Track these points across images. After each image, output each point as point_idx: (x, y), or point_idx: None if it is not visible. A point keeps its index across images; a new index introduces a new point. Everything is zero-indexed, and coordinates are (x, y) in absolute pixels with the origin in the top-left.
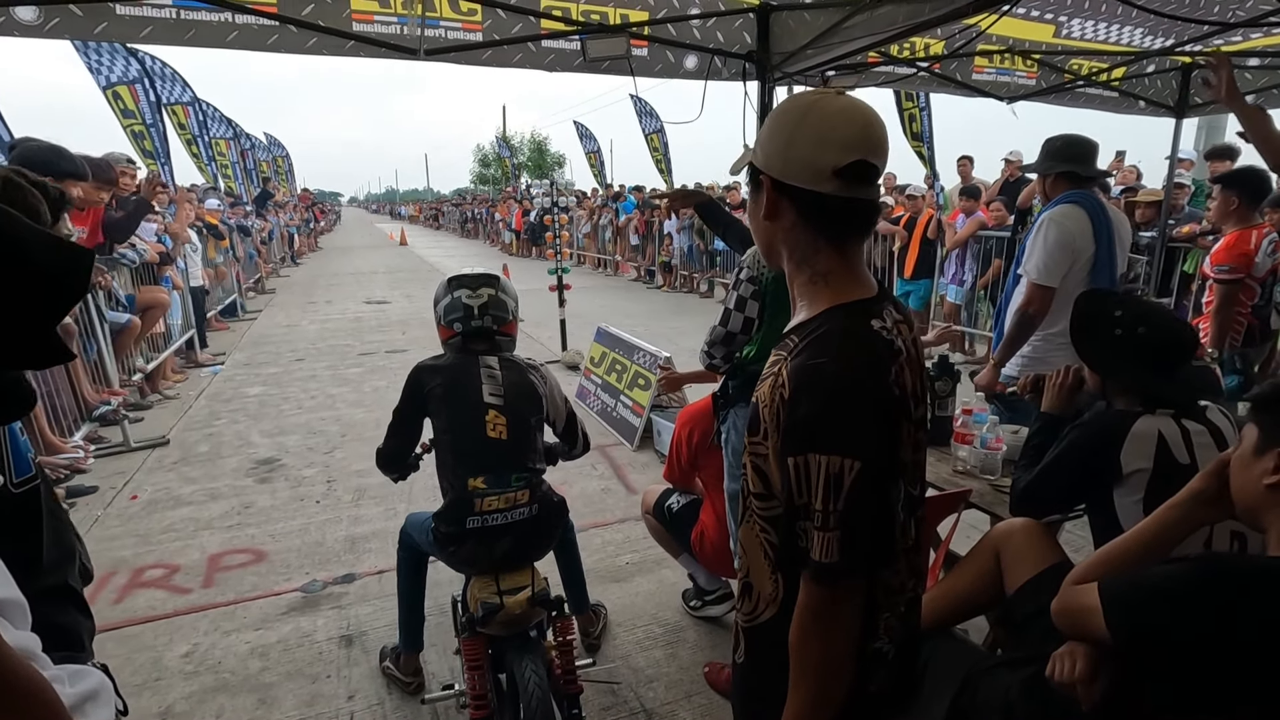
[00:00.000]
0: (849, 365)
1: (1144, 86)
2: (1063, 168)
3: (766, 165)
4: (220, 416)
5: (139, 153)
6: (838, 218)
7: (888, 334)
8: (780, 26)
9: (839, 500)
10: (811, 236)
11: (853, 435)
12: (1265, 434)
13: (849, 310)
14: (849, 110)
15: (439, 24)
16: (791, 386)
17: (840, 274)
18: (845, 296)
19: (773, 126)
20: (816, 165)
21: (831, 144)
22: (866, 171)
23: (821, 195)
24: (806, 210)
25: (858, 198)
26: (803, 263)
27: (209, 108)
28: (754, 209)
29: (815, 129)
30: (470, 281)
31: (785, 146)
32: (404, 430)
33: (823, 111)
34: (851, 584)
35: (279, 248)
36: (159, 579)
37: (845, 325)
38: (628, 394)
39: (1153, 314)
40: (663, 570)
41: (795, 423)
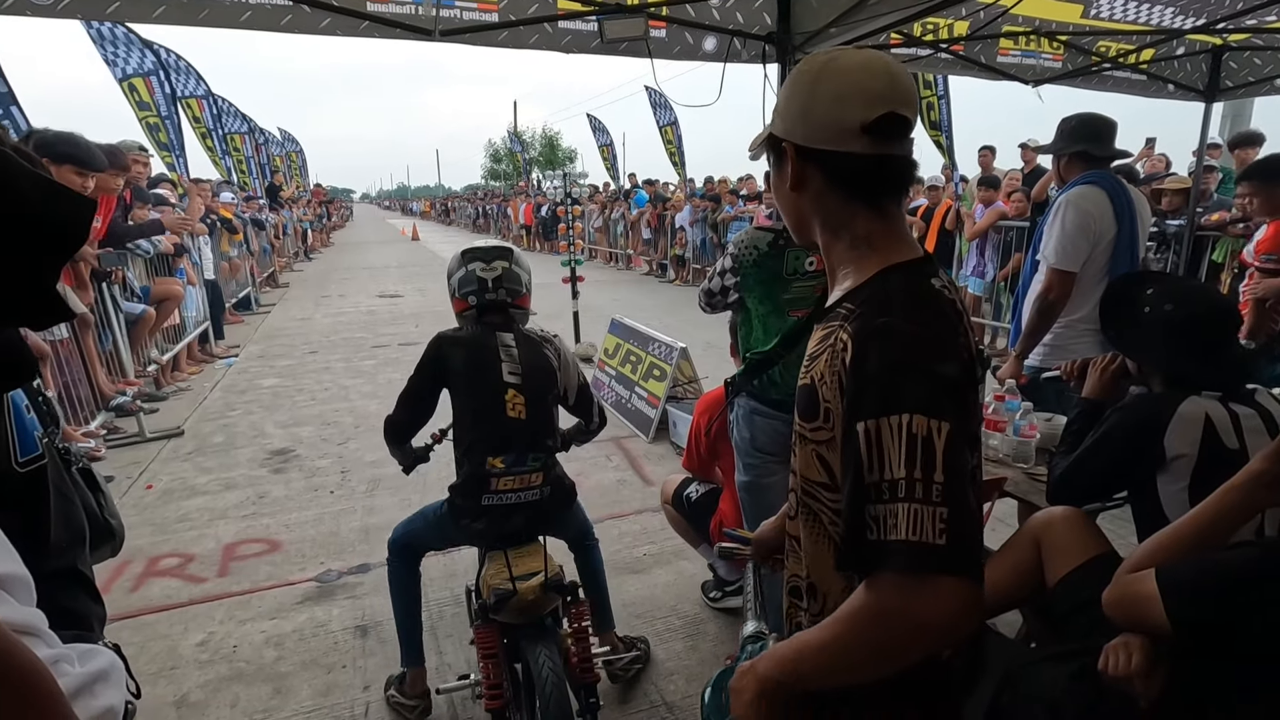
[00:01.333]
0: (920, 320)
1: (1173, 69)
2: (1078, 147)
3: (788, 132)
4: (235, 408)
5: (154, 145)
6: (872, 178)
7: (949, 294)
8: (802, 5)
9: (935, 469)
10: (844, 201)
11: (937, 392)
12: None
13: (904, 269)
14: (870, 62)
15: (454, 4)
16: (855, 349)
17: (884, 234)
18: (895, 257)
19: (789, 91)
20: (842, 124)
21: (855, 99)
22: (897, 124)
23: (851, 155)
24: (835, 174)
25: (891, 154)
26: (840, 229)
27: (224, 102)
28: (778, 183)
29: (835, 85)
30: (484, 254)
31: (805, 109)
32: (417, 401)
33: (841, 67)
34: (955, 582)
35: (293, 243)
36: (174, 568)
37: (905, 284)
38: (643, 385)
39: (1184, 290)
40: (681, 561)
41: (866, 382)
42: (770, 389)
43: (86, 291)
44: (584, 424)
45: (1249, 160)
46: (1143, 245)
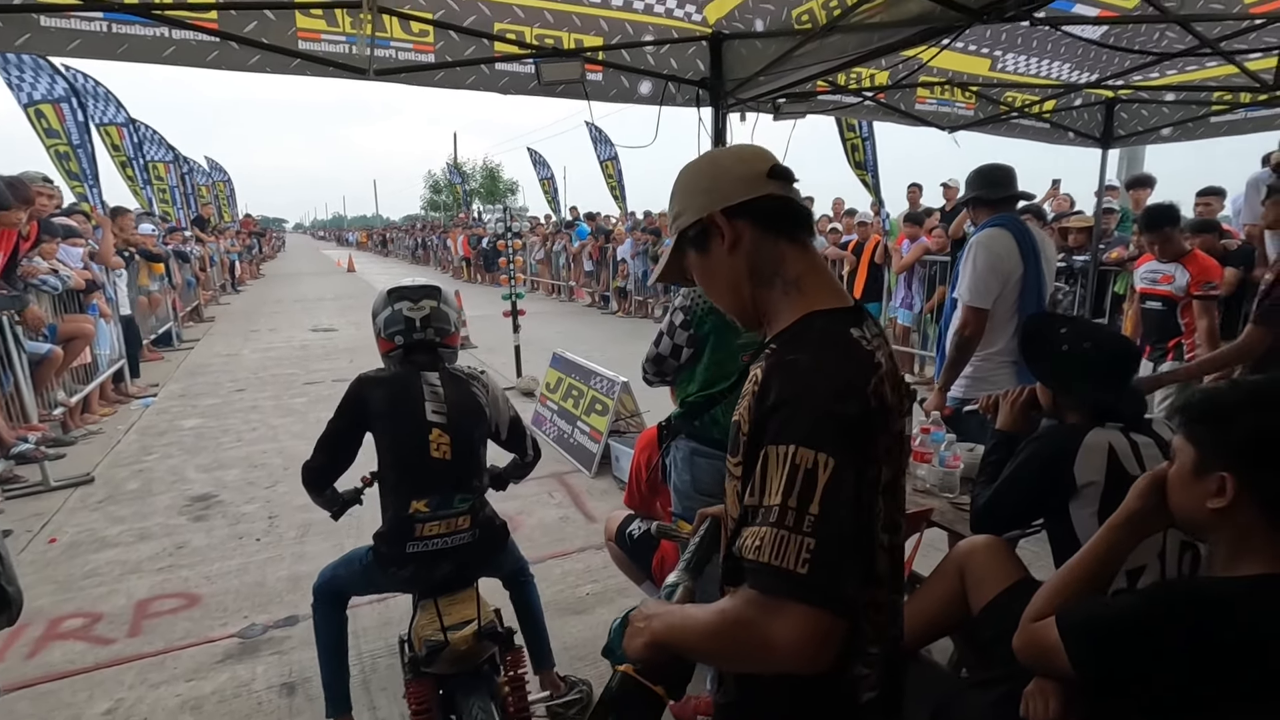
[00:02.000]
0: (826, 359)
1: (1072, 119)
2: (976, 193)
3: (706, 207)
4: (152, 451)
5: (63, 174)
6: (791, 213)
7: (868, 344)
8: (732, 54)
9: (811, 501)
10: (773, 243)
11: (829, 428)
12: (1203, 453)
13: (828, 315)
14: (733, 145)
15: (389, 44)
16: (763, 380)
17: (812, 277)
18: (821, 303)
19: (690, 182)
20: (752, 174)
21: (748, 161)
22: (787, 171)
23: (771, 196)
24: (764, 216)
25: (795, 197)
26: (772, 276)
27: (146, 129)
28: (708, 264)
29: (727, 159)
30: (411, 293)
31: (714, 181)
32: (336, 445)
33: (718, 153)
34: (807, 611)
35: (219, 275)
36: (78, 629)
37: (824, 328)
38: (585, 420)
39: (1097, 331)
40: (625, 599)
41: (765, 411)
42: (712, 428)
43: None
44: (519, 458)
45: (1143, 199)
46: (1049, 282)
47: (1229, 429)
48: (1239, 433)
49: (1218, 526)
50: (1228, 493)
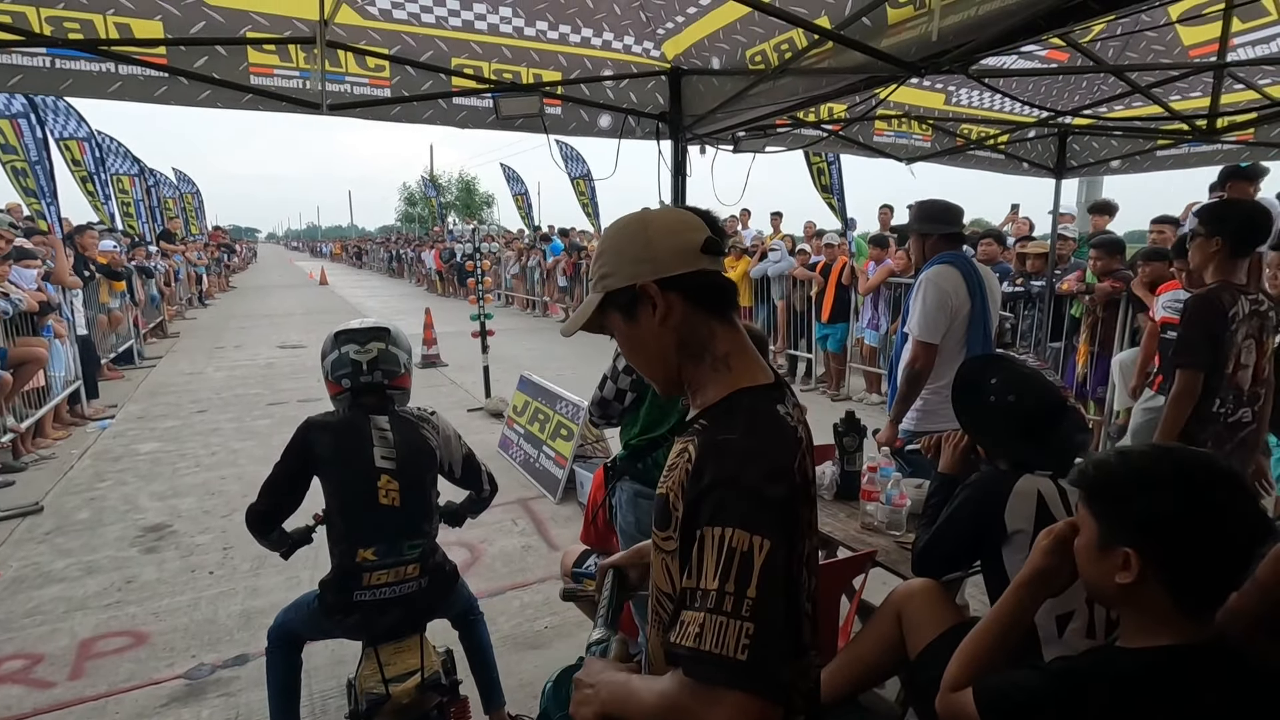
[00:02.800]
0: (759, 440)
1: (1026, 149)
2: (936, 229)
3: (636, 275)
4: (105, 478)
5: (19, 190)
6: (720, 292)
7: (791, 420)
8: (691, 90)
9: (749, 584)
10: (704, 319)
11: (763, 511)
12: (1105, 528)
13: (755, 393)
14: (668, 208)
15: (344, 79)
16: (697, 461)
17: (739, 355)
18: (748, 380)
19: (620, 243)
20: (685, 248)
21: (683, 230)
22: (718, 244)
23: (702, 272)
24: (695, 293)
25: (721, 272)
26: (701, 351)
27: (110, 142)
28: (634, 333)
29: (663, 223)
30: (359, 336)
31: (647, 248)
32: (282, 489)
33: (651, 216)
34: (744, 698)
35: (185, 289)
36: (17, 672)
37: (752, 406)
38: (550, 444)
39: (1025, 381)
40: (582, 634)
41: (700, 493)
42: (655, 471)
43: None
44: (475, 494)
45: (1102, 225)
46: (994, 317)
47: (1127, 506)
48: (1137, 510)
49: (1126, 600)
50: (1133, 569)
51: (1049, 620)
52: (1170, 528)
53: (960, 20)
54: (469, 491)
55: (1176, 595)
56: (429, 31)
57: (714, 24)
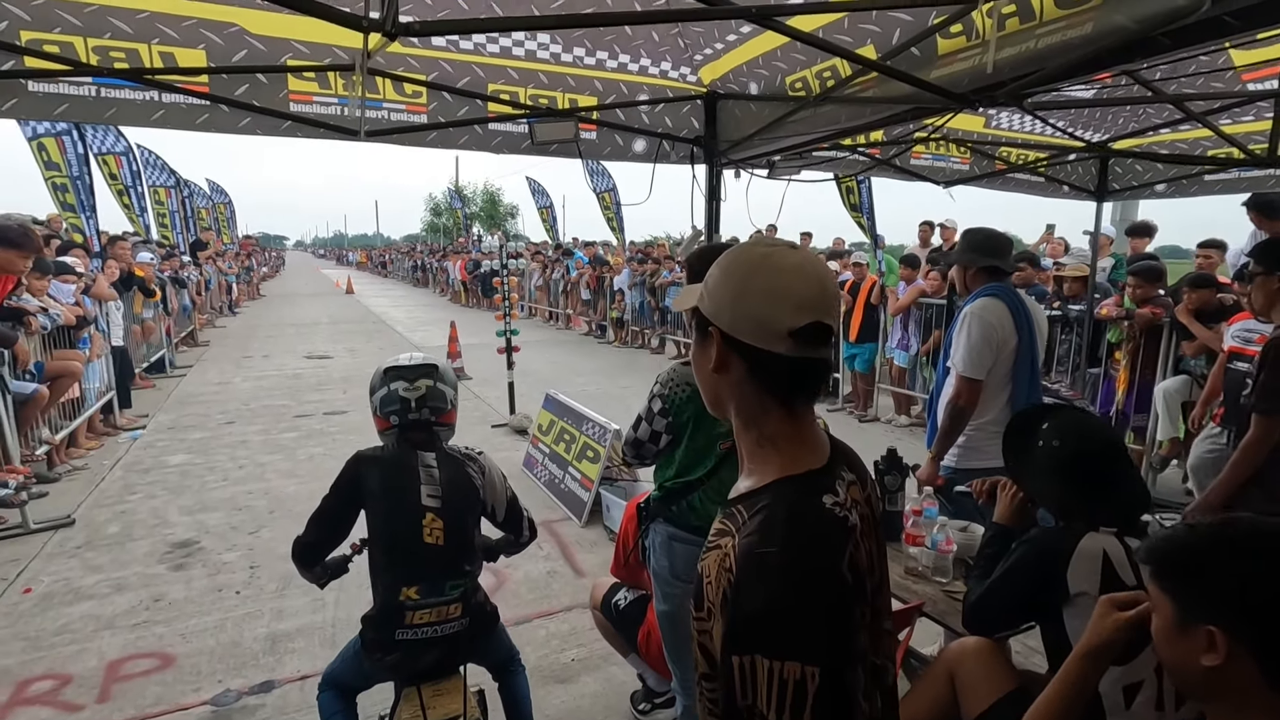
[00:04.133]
0: (799, 556)
1: (1066, 172)
2: (986, 262)
3: (715, 316)
4: (135, 490)
5: (58, 205)
6: (790, 378)
7: (840, 509)
8: (727, 115)
9: (803, 714)
10: (759, 395)
11: (809, 638)
12: (1181, 606)
13: (799, 484)
14: (804, 268)
15: (381, 105)
16: (737, 575)
17: (790, 438)
18: (794, 466)
19: (722, 275)
20: (770, 324)
21: (785, 302)
22: (821, 333)
23: (773, 355)
24: (757, 368)
25: (810, 357)
26: (750, 423)
27: (149, 155)
28: (700, 356)
29: (767, 285)
30: (408, 373)
31: (735, 300)
32: (330, 522)
33: (775, 267)
34: None
35: (216, 297)
36: (46, 694)
37: (794, 505)
38: (576, 466)
39: (1073, 425)
40: (610, 667)
41: (741, 619)
42: (690, 515)
43: None
44: (513, 537)
45: (1141, 248)
46: (1041, 351)
47: (1203, 580)
48: (1217, 584)
49: (1214, 686)
50: (1219, 649)
51: (1115, 690)
52: (1258, 599)
53: (1018, 53)
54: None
55: (1271, 674)
56: (466, 58)
57: (754, 50)
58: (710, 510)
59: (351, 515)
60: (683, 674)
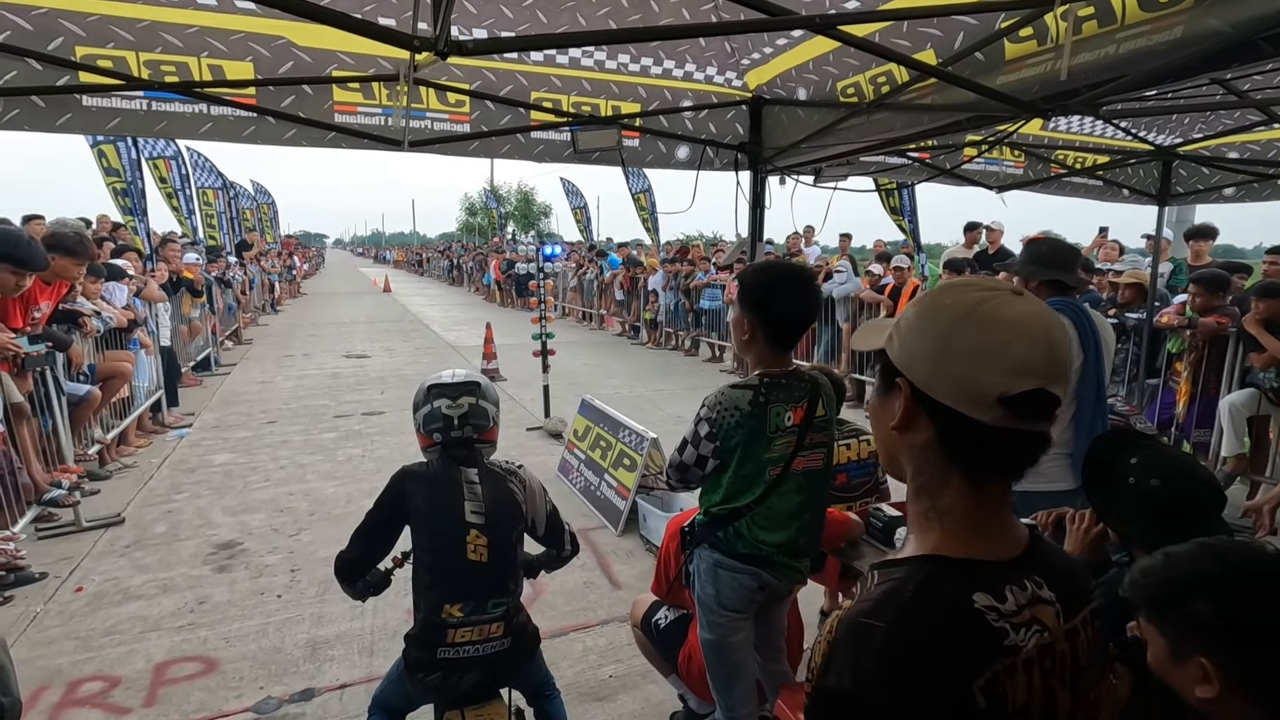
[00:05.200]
0: (907, 646)
1: (1127, 175)
2: (1049, 275)
3: (906, 366)
4: (182, 489)
5: (119, 209)
6: (988, 452)
7: (999, 620)
8: (773, 120)
9: None
10: (944, 465)
11: None
12: (1171, 641)
13: (949, 568)
14: (1028, 321)
15: (425, 115)
16: (833, 641)
17: (964, 519)
18: (955, 548)
19: (918, 321)
20: (976, 386)
21: (999, 363)
22: (1044, 404)
23: (975, 424)
24: (948, 435)
25: (1024, 430)
26: (923, 491)
27: (197, 157)
28: (880, 409)
29: (980, 339)
30: (450, 390)
31: (937, 352)
32: (374, 538)
33: (992, 318)
34: None
35: (259, 296)
36: (96, 695)
37: (928, 587)
38: (612, 473)
39: (1171, 463)
40: (649, 685)
41: (819, 691)
42: (736, 542)
43: (25, 379)
44: (554, 552)
45: (1203, 252)
46: (1108, 370)
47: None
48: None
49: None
50: (1213, 680)
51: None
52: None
53: (1095, 59)
54: (547, 549)
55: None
56: (510, 66)
57: (804, 55)
58: (758, 537)
59: (396, 530)
60: (728, 703)
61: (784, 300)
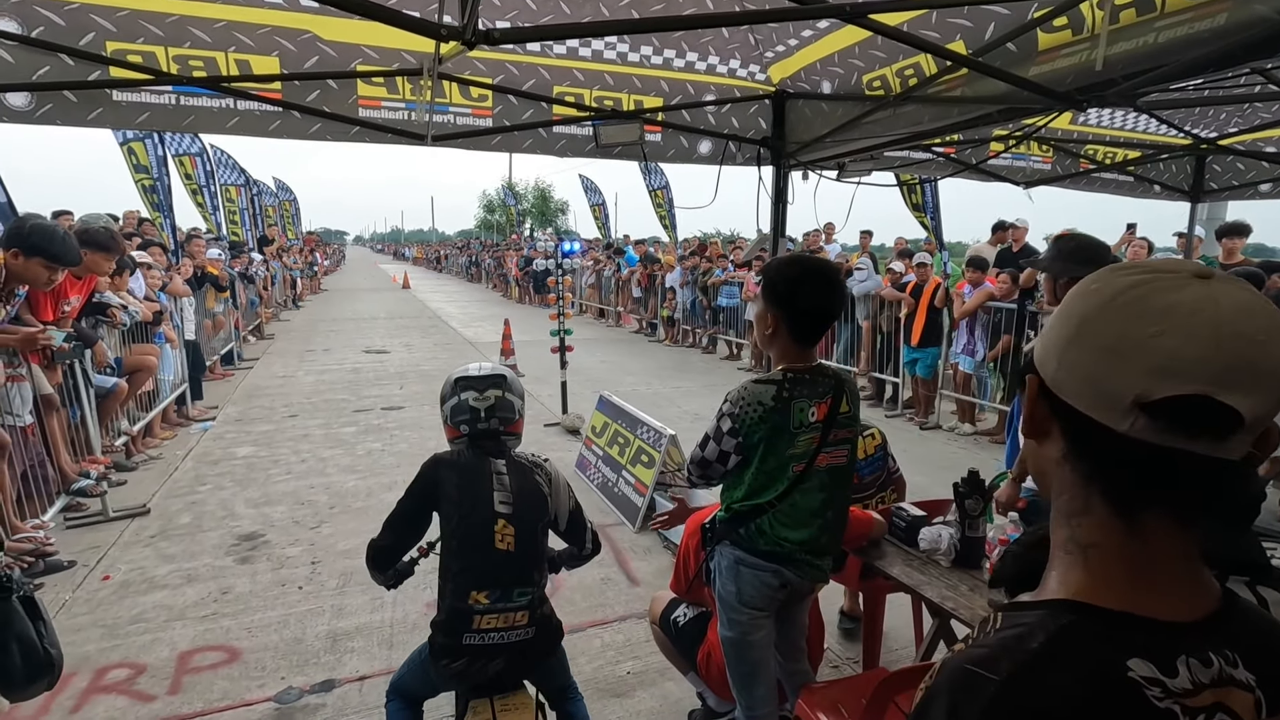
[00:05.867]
0: (1028, 704)
1: (1159, 171)
2: (1078, 272)
3: (1040, 360)
4: (205, 481)
5: (147, 205)
6: (1134, 474)
7: (1163, 697)
8: (796, 115)
9: None
10: (1083, 484)
11: None
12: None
13: (1099, 622)
14: (1196, 309)
15: (448, 110)
16: (933, 685)
17: (1117, 559)
18: (1108, 598)
19: (1064, 308)
20: (1108, 385)
21: (1140, 358)
22: (1206, 415)
23: (1110, 434)
24: (1079, 446)
25: (1180, 449)
26: (1064, 516)
27: (220, 154)
28: (1024, 415)
29: (1119, 329)
30: (478, 383)
31: (1068, 342)
32: (405, 525)
33: (1143, 304)
34: None
35: (281, 292)
36: (122, 682)
37: (1064, 642)
38: (630, 470)
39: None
40: (667, 683)
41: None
42: (758, 539)
43: (54, 371)
44: (576, 549)
45: (1235, 249)
46: None
47: None
48: None
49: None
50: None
51: None
52: None
53: (1133, 48)
54: (569, 545)
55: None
56: (533, 60)
57: (829, 48)
58: (780, 534)
59: (427, 517)
60: (748, 702)
61: (809, 294)
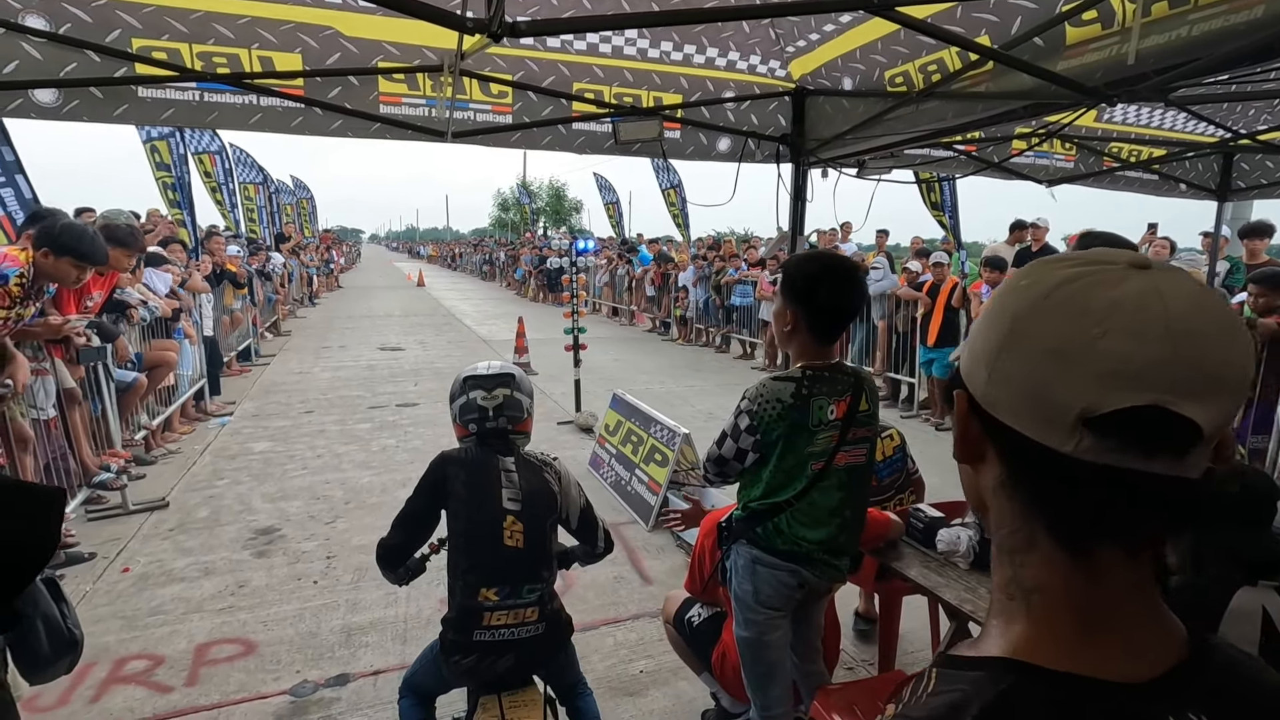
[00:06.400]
0: None
1: (1184, 169)
2: None
3: (968, 373)
4: (223, 476)
5: (166, 203)
6: (1084, 503)
7: None
8: (816, 111)
9: None
10: (1024, 516)
11: None
12: None
13: (1039, 684)
14: (1143, 305)
15: (468, 106)
16: None
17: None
18: (1051, 655)
19: (990, 309)
20: (1048, 398)
21: (1087, 364)
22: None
23: (1050, 454)
24: (1020, 473)
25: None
26: (1006, 553)
27: (239, 153)
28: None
29: (1059, 330)
30: (486, 382)
31: (998, 347)
32: (414, 524)
33: (1082, 300)
34: None
35: (297, 289)
36: (140, 673)
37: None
38: (644, 468)
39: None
40: (680, 682)
41: None
42: (775, 538)
43: (77, 366)
44: (589, 548)
45: (1259, 250)
46: None
47: None
48: None
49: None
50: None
51: None
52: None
53: (1166, 42)
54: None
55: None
56: (553, 56)
57: (850, 43)
58: (798, 533)
59: (435, 515)
60: (764, 703)
61: (828, 291)
